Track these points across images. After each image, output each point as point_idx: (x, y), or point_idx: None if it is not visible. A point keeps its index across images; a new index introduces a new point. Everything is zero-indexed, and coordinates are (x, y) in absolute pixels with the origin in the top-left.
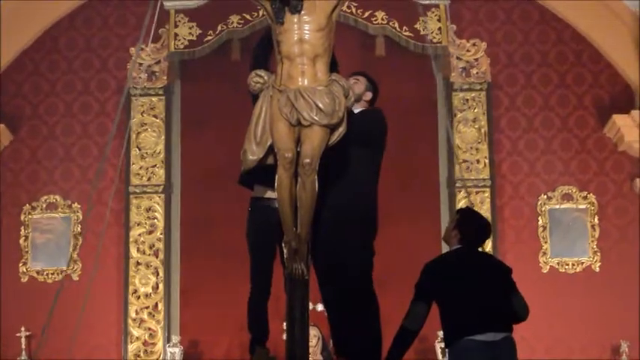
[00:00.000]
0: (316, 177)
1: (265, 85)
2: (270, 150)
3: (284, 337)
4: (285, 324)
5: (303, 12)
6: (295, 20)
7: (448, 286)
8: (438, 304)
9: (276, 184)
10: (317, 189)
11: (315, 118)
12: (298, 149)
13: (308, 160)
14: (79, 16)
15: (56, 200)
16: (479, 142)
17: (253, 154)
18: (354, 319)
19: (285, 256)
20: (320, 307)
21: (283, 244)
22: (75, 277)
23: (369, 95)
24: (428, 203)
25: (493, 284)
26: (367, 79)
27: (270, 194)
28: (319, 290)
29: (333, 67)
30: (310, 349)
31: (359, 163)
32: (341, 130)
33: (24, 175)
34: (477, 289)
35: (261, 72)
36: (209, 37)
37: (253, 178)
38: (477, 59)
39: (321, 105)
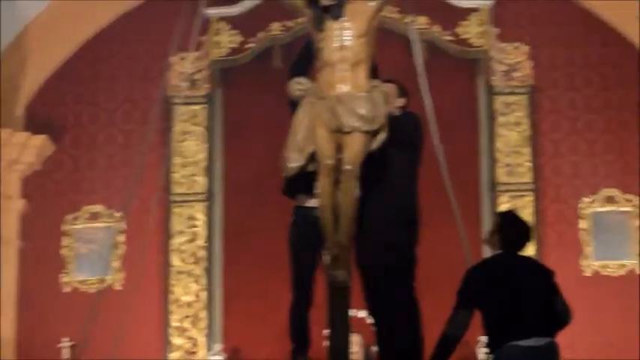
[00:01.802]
0: (357, 183)
1: (306, 93)
2: (312, 157)
3: (325, 343)
4: (326, 331)
5: (343, 18)
6: (336, 27)
7: (491, 291)
8: (481, 309)
9: (317, 191)
10: (358, 195)
11: (356, 124)
12: (340, 156)
13: (349, 167)
14: (121, 26)
15: (98, 210)
16: (521, 146)
17: (294, 161)
18: (397, 324)
19: (326, 263)
20: (362, 314)
21: (325, 251)
22: (118, 287)
23: (401, 101)
24: (469, 207)
25: (536, 288)
26: (397, 86)
27: (312, 202)
28: (363, 295)
29: (374, 73)
30: (351, 357)
31: (399, 166)
32: (382, 135)
33: (66, 184)
34: (519, 293)
35: (302, 79)
36: (250, 45)
37: (296, 187)
38: (519, 62)
39: (361, 111)
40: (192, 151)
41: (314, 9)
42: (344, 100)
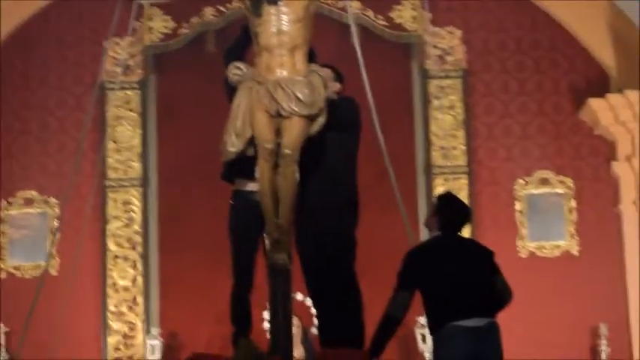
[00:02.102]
0: (297, 167)
1: (244, 77)
2: (250, 142)
3: (265, 325)
4: (267, 313)
5: (280, 3)
6: (273, 11)
7: (431, 273)
8: (421, 291)
9: (257, 175)
10: (297, 179)
11: (295, 108)
12: (279, 140)
13: (288, 151)
14: (54, 11)
15: (32, 196)
16: (455, 129)
17: (233, 145)
18: (337, 307)
19: (267, 247)
20: (300, 296)
21: (265, 235)
22: (53, 273)
23: (337, 86)
24: (405, 190)
25: (476, 269)
26: (333, 71)
27: (251, 186)
28: (303, 279)
29: (312, 57)
30: None
31: (337, 150)
32: (321, 120)
33: None
34: (459, 274)
35: (240, 64)
36: (183, 30)
37: (235, 171)
38: (452, 47)
39: (300, 96)
40: (126, 136)
41: None
42: (283, 84)
